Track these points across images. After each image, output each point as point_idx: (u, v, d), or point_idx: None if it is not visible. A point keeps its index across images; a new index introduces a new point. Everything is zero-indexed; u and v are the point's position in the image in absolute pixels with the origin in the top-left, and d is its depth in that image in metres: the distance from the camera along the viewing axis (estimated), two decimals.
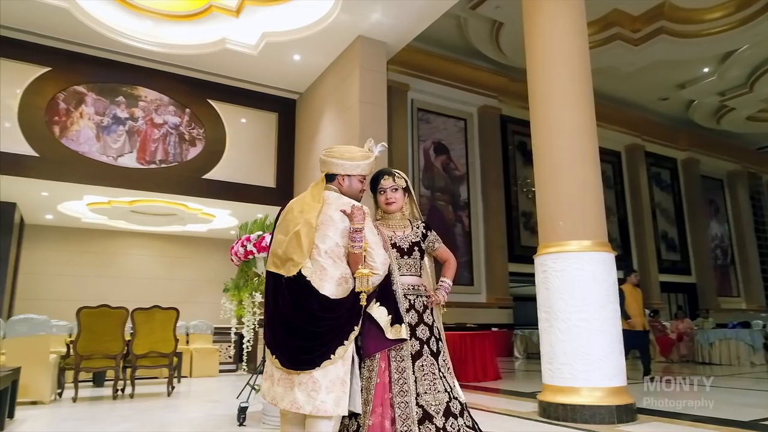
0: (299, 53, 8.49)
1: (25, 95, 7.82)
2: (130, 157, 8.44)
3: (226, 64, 8.76)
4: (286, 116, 9.88)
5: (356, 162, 2.53)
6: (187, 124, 9.00)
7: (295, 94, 9.88)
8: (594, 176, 4.80)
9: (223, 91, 9.27)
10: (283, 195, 9.54)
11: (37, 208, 9.85)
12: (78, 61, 8.19)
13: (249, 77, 9.19)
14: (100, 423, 4.42)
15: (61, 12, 7.32)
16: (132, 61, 8.49)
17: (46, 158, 7.82)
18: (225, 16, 7.99)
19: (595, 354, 4.32)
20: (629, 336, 7.02)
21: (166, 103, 8.89)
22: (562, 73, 4.93)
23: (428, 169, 12.44)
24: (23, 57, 7.85)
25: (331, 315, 2.24)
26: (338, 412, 2.19)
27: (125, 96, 8.57)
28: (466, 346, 7.43)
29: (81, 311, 5.65)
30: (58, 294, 10.70)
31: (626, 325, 6.98)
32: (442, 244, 2.74)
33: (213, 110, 9.21)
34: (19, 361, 5.16)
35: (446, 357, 2.51)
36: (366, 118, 7.75)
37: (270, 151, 9.70)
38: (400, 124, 11.38)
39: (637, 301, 7.29)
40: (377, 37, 7.98)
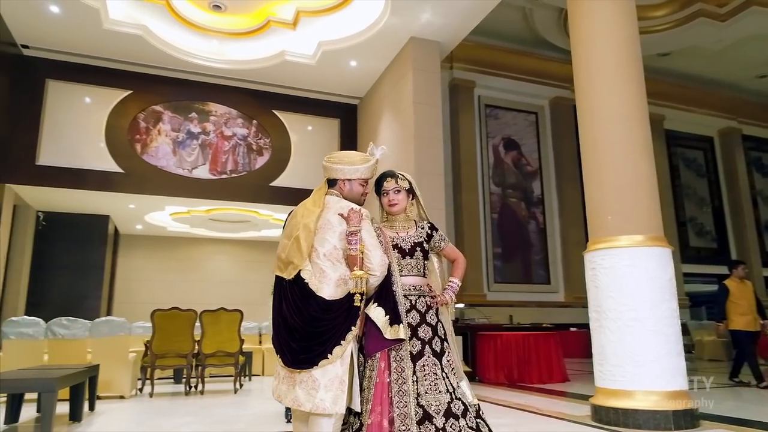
0: (355, 59, 8.66)
1: (111, 117, 8.61)
2: (204, 169, 9.02)
3: (287, 75, 9.12)
4: (347, 121, 10.10)
5: (355, 166, 2.58)
6: (255, 135, 9.46)
7: (355, 99, 10.08)
8: (646, 167, 4.50)
9: (287, 101, 9.66)
10: None
11: (128, 220, 10.78)
12: (155, 83, 8.89)
13: (310, 86, 9.50)
14: (165, 417, 4.78)
15: (136, 39, 7.98)
16: (202, 79, 9.08)
17: (130, 174, 8.55)
18: (283, 30, 8.33)
19: (647, 355, 4.06)
20: (738, 337, 6.47)
21: (234, 116, 9.41)
22: (607, 58, 4.68)
23: (498, 166, 12.17)
24: (108, 83, 8.64)
25: (328, 316, 2.31)
26: (336, 410, 2.25)
27: (197, 112, 9.18)
28: (529, 347, 7.21)
29: (154, 313, 6.13)
30: (150, 297, 11.63)
31: (732, 325, 6.43)
32: (449, 244, 2.72)
33: (278, 120, 9.62)
34: (103, 360, 5.71)
35: (451, 357, 2.49)
36: (420, 118, 7.76)
37: None
38: (467, 121, 11.23)
39: (747, 297, 6.54)
40: (429, 37, 7.97)
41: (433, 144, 7.75)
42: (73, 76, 8.44)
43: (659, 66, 12.30)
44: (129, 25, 7.78)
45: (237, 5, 7.97)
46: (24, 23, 7.56)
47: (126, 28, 7.77)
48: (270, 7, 8.06)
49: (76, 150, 8.34)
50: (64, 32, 7.76)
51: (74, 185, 8.34)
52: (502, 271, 11.53)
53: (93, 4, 7.20)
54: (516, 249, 11.72)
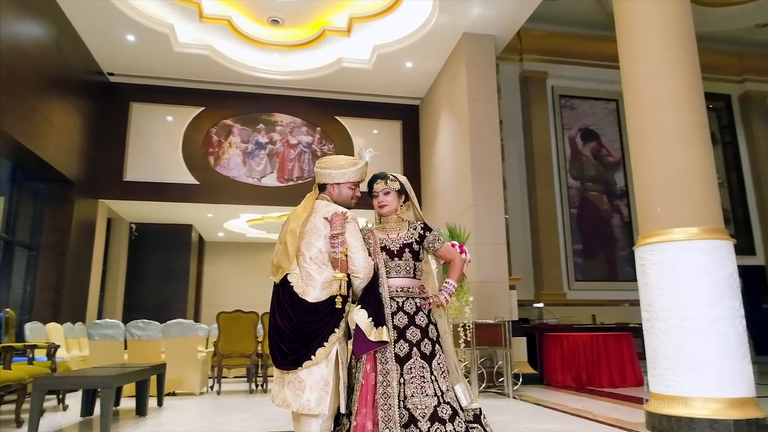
0: (410, 60, 8.67)
1: (187, 133, 9.26)
2: (271, 177, 9.44)
3: (346, 81, 9.31)
4: (409, 123, 10.13)
5: (343, 170, 2.61)
6: (319, 142, 9.75)
7: (416, 100, 10.08)
8: (701, 154, 4.11)
9: (348, 106, 9.86)
10: None
11: (209, 228, 11.53)
12: (224, 98, 9.44)
13: (369, 90, 9.64)
14: (223, 414, 5.07)
15: (204, 59, 8.53)
16: (267, 91, 9.51)
17: (205, 185, 9.15)
18: (338, 38, 8.52)
19: (704, 359, 3.71)
20: None
21: (299, 124, 9.76)
22: (654, 36, 4.33)
23: (576, 158, 11.61)
24: (183, 101, 9.30)
25: (312, 318, 2.36)
26: (320, 410, 2.29)
27: (264, 123, 9.63)
28: (598, 348, 6.82)
29: (219, 315, 6.52)
30: (234, 301, 12.30)
31: None
32: (443, 244, 2.66)
33: (340, 126, 9.85)
34: (174, 359, 6.17)
35: (442, 360, 2.44)
36: (476, 115, 7.61)
37: (396, 157, 10.02)
38: (539, 114, 10.83)
39: None
40: (482, 31, 7.81)
41: (490, 140, 7.58)
42: (152, 97, 9.18)
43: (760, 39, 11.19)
44: (196, 46, 8.33)
45: (294, 18, 8.27)
46: (107, 53, 8.34)
47: (194, 49, 8.33)
48: (325, 17, 8.29)
49: (158, 165, 9.06)
50: (141, 58, 8.47)
51: (157, 198, 9.06)
52: (583, 269, 10.97)
53: (162, 30, 7.79)
54: (599, 245, 11.10)
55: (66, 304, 7.58)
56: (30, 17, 6.48)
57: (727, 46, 11.53)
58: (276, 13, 8.13)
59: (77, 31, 7.67)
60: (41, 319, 6.98)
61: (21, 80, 6.31)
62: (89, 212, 8.50)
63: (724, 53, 11.67)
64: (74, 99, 7.86)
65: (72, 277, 7.79)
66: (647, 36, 4.38)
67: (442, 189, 8.81)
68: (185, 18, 7.88)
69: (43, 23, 6.86)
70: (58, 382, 4.06)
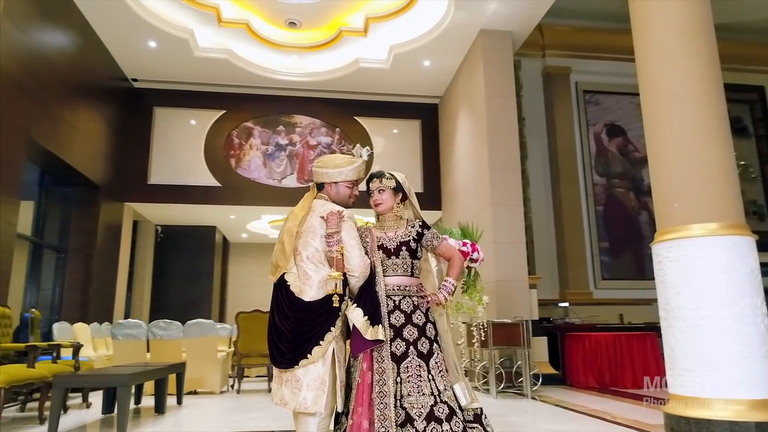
0: (428, 59, 8.64)
1: (209, 136, 9.41)
2: (292, 178, 9.52)
3: (364, 82, 9.33)
4: (429, 121, 10.08)
5: (340, 169, 2.61)
6: (338, 142, 9.80)
7: (435, 99, 10.03)
8: (720, 147, 3.97)
9: (367, 106, 9.87)
10: (431, 199, 9.75)
11: (233, 229, 11.69)
12: (245, 101, 9.56)
13: (387, 90, 9.63)
14: (239, 412, 5.14)
15: (224, 62, 8.65)
16: (286, 93, 9.59)
17: (226, 187, 9.28)
18: (355, 38, 8.54)
19: (723, 359, 3.58)
20: None
21: (318, 125, 9.82)
22: (668, 27, 4.22)
23: (601, 155, 11.38)
24: (205, 105, 9.46)
25: (308, 317, 2.37)
26: (316, 408, 2.30)
27: (284, 125, 9.72)
28: (621, 348, 6.67)
29: (238, 316, 6.61)
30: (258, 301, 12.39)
31: None
32: (442, 242, 2.63)
33: (359, 126, 9.87)
34: (195, 358, 6.28)
35: (439, 359, 2.41)
36: (493, 112, 7.53)
37: (416, 157, 9.99)
38: (563, 110, 10.65)
39: None
40: (499, 27, 7.72)
41: (508, 137, 7.49)
42: (175, 101, 9.36)
43: None
44: (216, 51, 8.46)
45: (311, 20, 8.32)
46: (130, 59, 8.54)
47: (213, 53, 8.46)
48: (341, 17, 8.32)
49: (181, 168, 9.24)
50: (163, 63, 8.64)
51: (180, 200, 9.24)
52: (610, 267, 10.74)
53: (182, 35, 7.93)
54: (626, 243, 10.86)
55: (93, 305, 7.79)
56: (54, 26, 6.68)
57: (762, 36, 11.13)
58: (293, 15, 8.19)
59: (101, 39, 7.87)
60: (69, 319, 7.19)
61: (47, 88, 6.52)
62: (115, 215, 8.72)
63: (757, 44, 11.28)
64: (99, 105, 8.07)
65: (99, 279, 8.00)
66: (662, 25, 4.27)
67: (462, 188, 8.75)
68: (204, 23, 8.01)
69: (68, 32, 7.06)
70: (77, 380, 4.17)
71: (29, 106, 6.09)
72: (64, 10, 6.88)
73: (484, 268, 7.47)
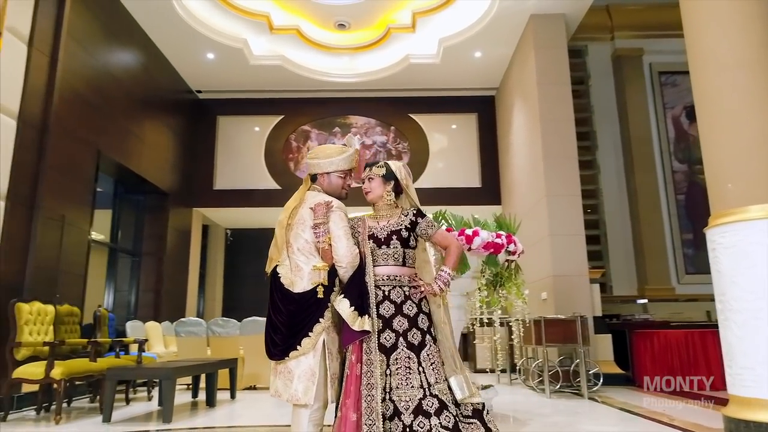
0: (478, 50, 8.42)
1: (268, 141, 9.74)
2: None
3: (416, 78, 9.25)
4: (485, 114, 9.83)
5: (331, 159, 2.59)
6: (393, 140, 9.79)
7: (491, 90, 9.76)
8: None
9: (420, 103, 9.79)
10: (489, 193, 9.50)
11: None
12: (301, 105, 9.80)
13: (440, 85, 9.49)
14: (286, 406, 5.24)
15: (278, 69, 8.92)
16: (340, 94, 9.72)
17: (286, 190, 9.54)
18: (403, 35, 8.51)
19: None
20: None
21: (373, 125, 9.87)
22: None
23: (681, 140, 10.61)
24: (264, 111, 9.81)
25: (298, 308, 2.36)
26: (306, 400, 2.29)
27: (340, 126, 9.86)
28: (694, 346, 6.13)
29: None
30: None
31: None
32: (438, 230, 2.52)
33: (414, 123, 9.81)
34: (252, 355, 6.50)
35: (431, 351, 2.31)
36: (546, 99, 7.22)
37: (473, 151, 9.77)
38: (636, 94, 10.03)
39: None
40: (550, 10, 7.38)
41: (562, 125, 7.14)
42: (236, 110, 9.78)
43: None
44: (270, 58, 8.74)
45: (359, 20, 8.39)
46: (192, 72, 9.02)
47: (268, 60, 8.74)
48: (389, 15, 8.31)
49: (244, 173, 9.63)
50: (222, 73, 9.05)
51: (244, 204, 9.63)
52: (694, 261, 9.96)
53: (237, 45, 8.26)
54: None
55: (165, 305, 8.29)
56: (119, 45, 7.18)
57: None
58: (342, 17, 8.30)
59: (164, 54, 8.37)
60: (143, 318, 7.70)
61: (114, 104, 7.02)
62: (184, 220, 9.23)
63: None
64: (164, 117, 8.59)
65: (170, 280, 8.50)
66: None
67: (518, 180, 8.45)
68: (257, 31, 8.30)
69: (132, 50, 7.57)
70: (126, 374, 4.45)
71: (98, 122, 6.59)
72: (127, 29, 7.37)
73: (540, 262, 7.18)
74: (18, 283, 5.08)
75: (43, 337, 4.60)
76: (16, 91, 5.18)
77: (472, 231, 4.16)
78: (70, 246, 5.92)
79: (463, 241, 4.14)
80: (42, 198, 5.40)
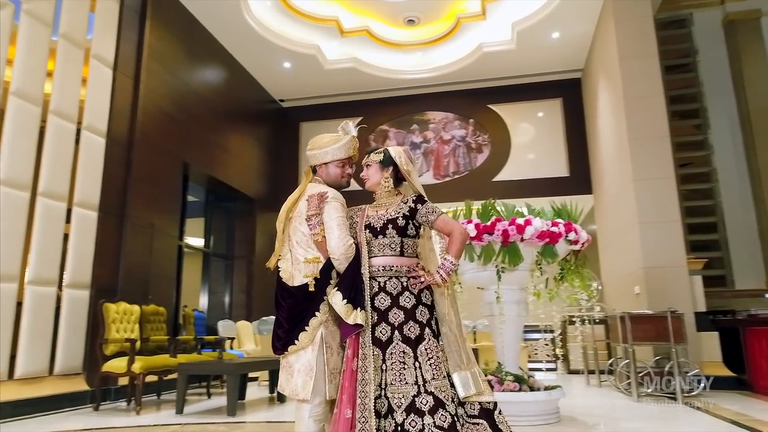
0: (555, 30, 7.93)
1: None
2: (428, 176, 9.51)
3: (491, 67, 8.91)
4: (570, 98, 9.23)
5: (324, 149, 2.54)
6: (472, 134, 9.51)
7: (576, 72, 9.14)
8: None
9: (498, 92, 9.42)
10: (579, 182, 8.91)
11: None
12: (378, 105, 9.86)
13: (518, 71, 9.07)
14: None
15: (352, 71, 9.04)
16: (415, 91, 9.64)
17: (367, 191, 9.62)
18: (474, 23, 8.25)
19: None
20: None
21: (451, 119, 9.66)
22: None
23: None
24: (343, 114, 9.80)
25: (294, 302, 2.32)
26: (304, 395, 2.24)
27: (417, 123, 9.77)
28: None
29: None
30: None
31: None
32: (440, 216, 2.35)
33: (494, 114, 9.46)
34: None
35: (430, 345, 2.15)
36: (629, 75, 6.63)
37: (558, 138, 9.20)
38: (754, 62, 8.94)
39: None
40: None
41: (649, 102, 6.49)
42: (316, 115, 10.06)
43: None
44: (343, 61, 8.88)
45: (428, 14, 8.27)
46: (273, 82, 9.42)
47: (341, 64, 8.89)
48: (457, 5, 8.11)
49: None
50: (299, 81, 9.35)
51: None
52: None
53: (309, 52, 8.49)
54: None
55: (256, 305, 8.72)
56: (200, 63, 7.69)
57: None
58: (410, 13, 8.23)
59: (245, 67, 8.83)
60: (237, 318, 8.17)
61: (199, 119, 7.52)
62: (271, 224, 9.64)
63: None
64: (248, 127, 9.06)
65: (260, 281, 8.93)
66: None
67: (606, 166, 7.81)
68: (328, 36, 8.47)
69: (213, 66, 8.08)
70: (195, 368, 4.71)
71: (183, 136, 7.09)
72: (206, 46, 7.86)
73: (631, 254, 6.57)
74: (112, 285, 5.60)
75: (129, 335, 5.02)
76: (104, 112, 5.73)
77: (524, 220, 3.89)
78: (160, 251, 6.42)
79: (515, 231, 3.88)
80: (130, 208, 5.91)
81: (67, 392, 4.92)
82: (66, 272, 5.12)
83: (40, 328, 4.76)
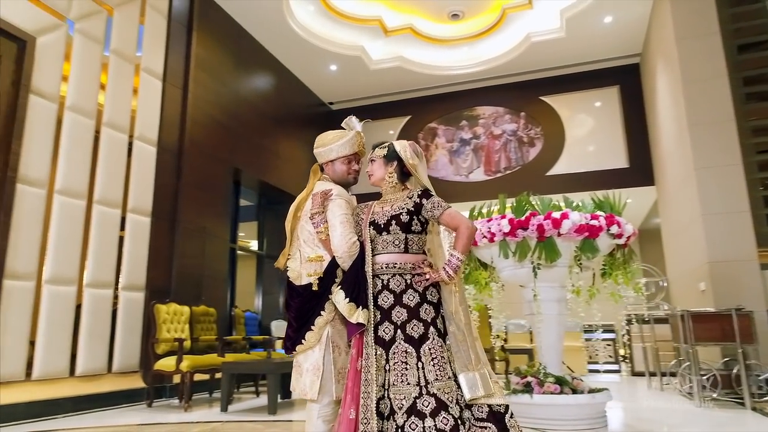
0: (607, 14, 7.54)
1: None
2: (478, 172, 9.31)
3: (541, 57, 8.60)
4: (629, 85, 8.73)
5: (328, 147, 2.50)
6: (524, 127, 9.21)
7: (634, 57, 8.64)
8: None
9: (550, 83, 9.08)
10: (639, 173, 8.43)
11: None
12: (426, 103, 9.76)
13: (569, 60, 8.69)
14: None
15: (397, 70, 8.99)
16: (463, 87, 9.46)
17: None
18: (520, 13, 7.99)
19: None
20: None
21: (501, 113, 9.41)
22: None
23: None
24: (392, 113, 9.96)
25: (301, 301, 2.30)
26: (311, 395, 2.22)
27: (466, 119, 9.58)
28: None
29: None
30: None
31: None
32: (446, 211, 2.24)
33: (546, 106, 9.12)
34: None
35: (434, 345, 2.06)
36: (687, 56, 6.19)
37: (616, 128, 8.74)
38: None
39: None
40: None
41: (711, 85, 6.03)
42: (365, 116, 10.00)
43: None
44: (388, 60, 8.86)
45: (472, 7, 8.09)
46: (321, 85, 9.54)
47: (386, 63, 8.87)
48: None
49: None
50: (346, 82, 9.41)
51: None
52: None
53: (354, 53, 8.53)
54: None
55: None
56: (247, 70, 7.90)
57: None
58: (454, 7, 8.08)
59: (293, 72, 8.99)
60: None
61: (248, 125, 7.73)
62: None
63: None
64: (297, 131, 9.20)
65: None
66: None
67: (667, 155, 7.33)
68: (372, 37, 8.48)
69: (261, 72, 8.27)
70: (237, 368, 4.81)
71: (233, 142, 7.31)
72: (252, 54, 8.05)
73: (695, 248, 6.13)
74: (165, 287, 5.85)
75: (179, 334, 5.22)
76: (154, 122, 5.99)
77: (561, 214, 3.69)
78: (212, 254, 6.65)
79: (550, 225, 3.69)
80: (182, 213, 6.15)
81: (125, 389, 5.19)
82: (121, 275, 5.39)
83: (98, 329, 5.04)
